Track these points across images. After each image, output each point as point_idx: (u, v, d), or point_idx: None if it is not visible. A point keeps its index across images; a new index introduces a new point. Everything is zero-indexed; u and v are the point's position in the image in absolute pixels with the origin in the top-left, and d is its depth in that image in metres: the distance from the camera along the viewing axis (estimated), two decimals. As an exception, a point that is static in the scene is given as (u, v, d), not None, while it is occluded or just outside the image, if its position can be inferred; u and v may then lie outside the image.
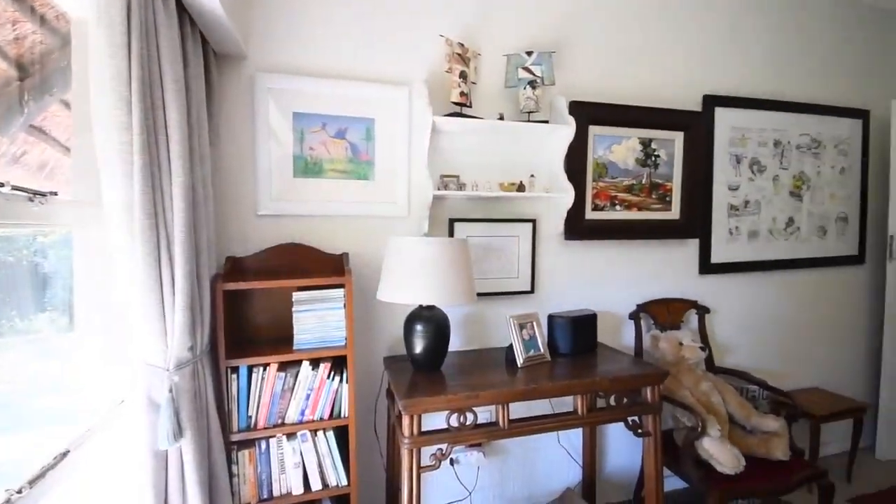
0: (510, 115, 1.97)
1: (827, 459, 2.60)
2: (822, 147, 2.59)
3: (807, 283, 2.63)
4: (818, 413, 2.25)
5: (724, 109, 2.36)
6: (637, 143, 2.20)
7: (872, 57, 2.74)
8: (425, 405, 1.44)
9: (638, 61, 2.22)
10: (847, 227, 2.70)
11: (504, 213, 2.05)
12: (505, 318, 1.85)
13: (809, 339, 2.66)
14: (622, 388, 1.68)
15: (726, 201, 2.39)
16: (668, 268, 2.32)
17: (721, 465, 1.73)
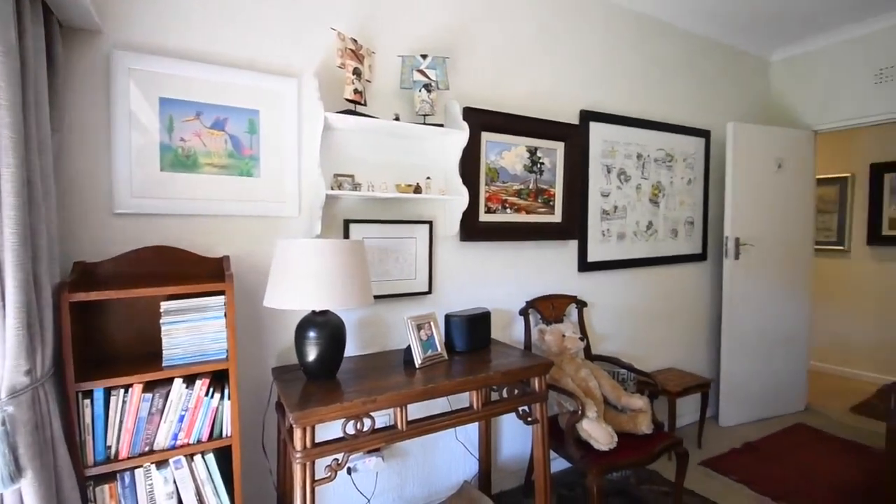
0: (406, 117, 1.97)
1: (682, 430, 3.02)
2: (674, 161, 3.01)
3: (663, 277, 3.03)
4: (674, 390, 2.61)
5: (598, 124, 2.62)
6: (525, 151, 2.35)
7: (714, 87, 3.26)
8: (319, 415, 1.38)
9: (526, 75, 2.37)
10: (693, 230, 3.17)
11: (401, 215, 2.05)
12: (403, 320, 1.85)
13: (666, 325, 3.07)
14: (513, 381, 1.77)
15: (599, 206, 2.66)
16: (553, 266, 2.52)
17: (598, 443, 1.91)
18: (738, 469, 2.58)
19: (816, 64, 3.34)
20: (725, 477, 2.51)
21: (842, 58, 3.20)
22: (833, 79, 3.25)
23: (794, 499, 2.30)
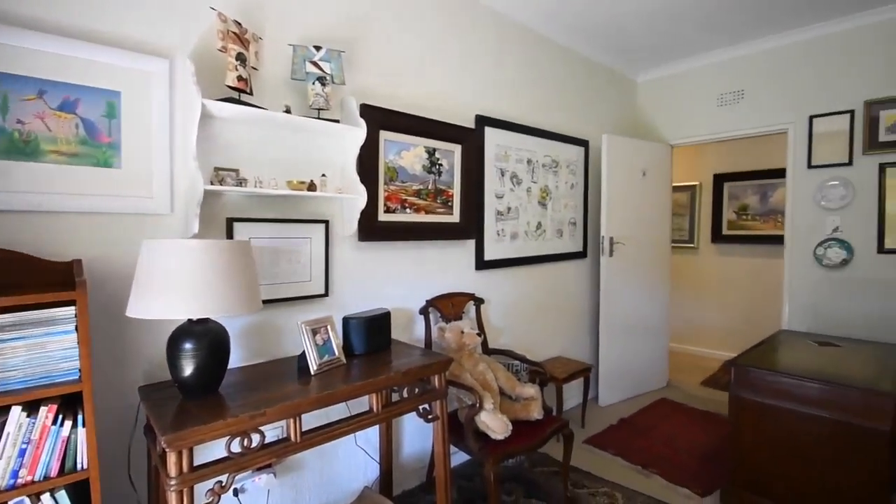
0: (299, 110, 1.87)
1: (568, 412, 3.29)
2: (559, 166, 3.27)
3: (551, 274, 3.28)
4: (561, 376, 2.83)
5: (492, 129, 2.74)
6: (423, 152, 2.37)
7: (593, 101, 3.60)
8: (198, 436, 1.24)
9: (425, 76, 2.39)
10: (575, 230, 3.48)
11: (295, 214, 1.94)
12: (297, 325, 1.75)
13: (554, 317, 3.32)
14: (414, 380, 1.78)
15: (495, 207, 2.79)
16: (452, 265, 2.58)
17: (494, 433, 2.00)
18: (614, 444, 2.88)
19: (673, 87, 3.87)
20: (605, 452, 2.79)
21: (692, 83, 3.75)
22: (685, 100, 3.79)
23: (659, 465, 2.63)
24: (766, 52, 3.35)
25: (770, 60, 3.35)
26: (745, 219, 4.64)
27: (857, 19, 2.96)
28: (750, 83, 3.45)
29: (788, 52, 3.26)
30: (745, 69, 3.47)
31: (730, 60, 3.53)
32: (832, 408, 1.93)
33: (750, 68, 3.44)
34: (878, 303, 2.93)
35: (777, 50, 3.31)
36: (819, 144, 3.14)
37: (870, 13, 2.90)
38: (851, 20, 2.98)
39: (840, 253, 3.06)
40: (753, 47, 3.39)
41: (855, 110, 3.00)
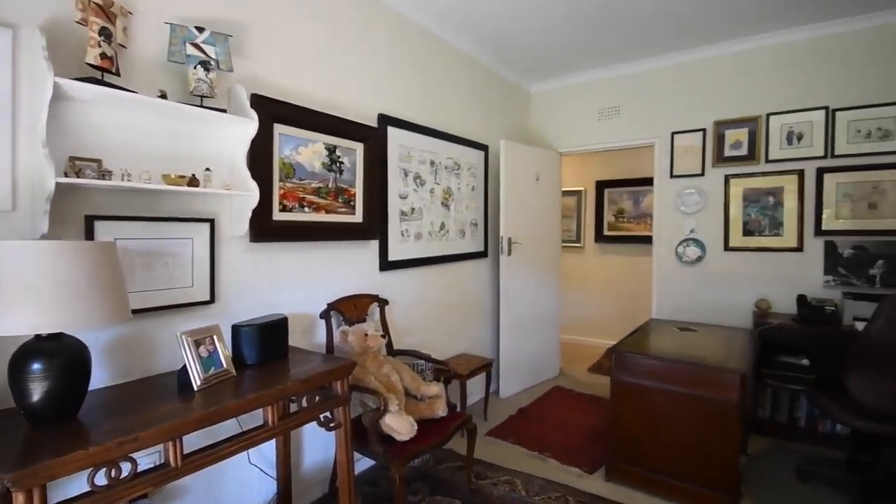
0: (177, 96, 1.68)
1: (471, 407, 3.39)
2: (461, 169, 3.37)
3: (454, 273, 3.36)
4: (464, 373, 2.91)
5: (395, 129, 2.73)
6: (323, 149, 2.27)
7: (492, 107, 3.76)
8: (52, 470, 1.05)
9: (326, 71, 2.30)
10: (477, 230, 3.60)
11: (173, 211, 1.73)
12: (176, 336, 1.56)
13: (457, 316, 3.41)
14: (314, 388, 1.69)
15: (398, 208, 2.78)
16: (355, 267, 2.51)
17: (399, 435, 1.99)
18: (514, 433, 3.04)
19: (561, 99, 4.19)
20: (505, 442, 2.92)
21: (578, 97, 4.10)
22: (572, 112, 4.14)
23: (554, 448, 2.83)
24: (638, 74, 3.79)
25: (640, 82, 3.79)
26: (622, 221, 5.20)
27: (709, 50, 3.47)
28: (625, 101, 3.87)
29: (656, 75, 3.72)
30: (620, 88, 3.88)
31: (608, 79, 3.93)
32: (692, 384, 2.24)
33: (624, 88, 3.86)
34: (725, 293, 3.47)
35: (646, 73, 3.75)
36: (679, 157, 3.63)
37: (720, 45, 3.42)
38: (705, 51, 3.49)
39: (696, 251, 3.56)
40: (627, 69, 3.81)
41: (706, 129, 3.52)
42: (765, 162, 3.32)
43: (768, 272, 3.32)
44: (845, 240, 3.07)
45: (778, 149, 3.27)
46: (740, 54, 3.38)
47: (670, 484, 2.30)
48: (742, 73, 3.39)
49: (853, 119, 3.04)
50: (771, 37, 3.24)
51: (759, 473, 2.56)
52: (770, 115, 3.29)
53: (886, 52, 2.94)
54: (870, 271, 3.01)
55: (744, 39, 3.32)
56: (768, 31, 3.19)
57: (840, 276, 3.09)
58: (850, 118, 3.05)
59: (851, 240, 3.06)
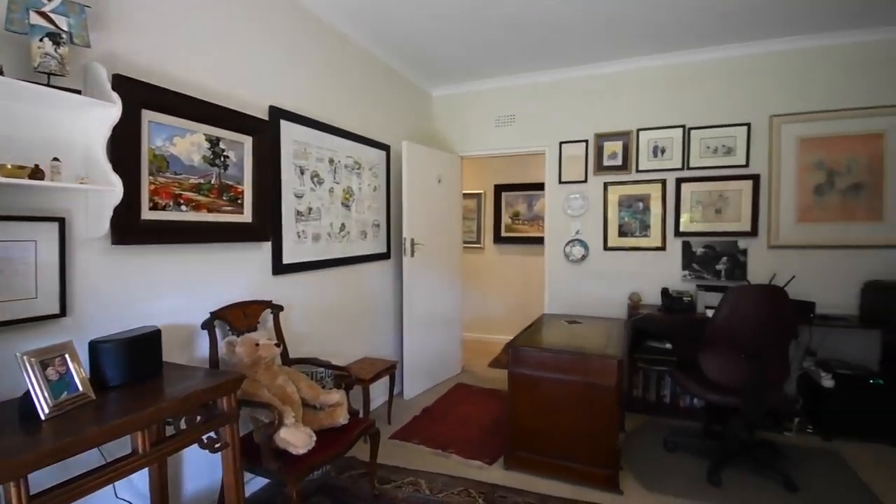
0: (16, 71, 1.41)
1: (375, 411, 3.34)
2: (362, 168, 3.29)
3: (356, 276, 3.28)
4: (367, 377, 2.85)
5: (289, 123, 2.58)
6: (204, 140, 2.07)
7: (394, 108, 3.73)
8: None
9: (208, 53, 2.09)
10: (379, 231, 3.55)
11: (9, 208, 1.44)
12: (16, 358, 1.30)
13: (359, 319, 3.33)
14: (195, 407, 1.52)
15: (294, 207, 2.63)
16: (243, 271, 2.32)
17: (296, 448, 1.87)
18: (418, 433, 3.05)
19: (462, 104, 4.32)
20: (410, 443, 2.92)
21: (477, 103, 4.25)
22: (472, 117, 4.28)
23: (456, 444, 2.89)
24: (531, 85, 4.04)
25: (533, 93, 4.05)
26: (518, 223, 5.52)
27: (590, 69, 3.82)
28: (520, 110, 4.10)
29: (546, 88, 4.00)
30: (516, 98, 4.11)
31: (505, 88, 4.13)
32: (578, 372, 2.43)
33: (519, 97, 4.10)
34: (605, 288, 3.84)
35: (538, 85, 4.02)
36: (566, 165, 3.94)
37: (600, 65, 3.78)
38: (587, 69, 3.83)
39: (581, 250, 3.90)
40: (522, 80, 4.05)
41: (588, 140, 3.87)
42: (636, 171, 3.74)
43: (639, 269, 3.75)
44: (698, 240, 3.59)
45: (646, 160, 3.71)
46: (616, 75, 3.77)
47: (561, 465, 2.48)
48: (617, 91, 3.78)
49: (704, 137, 3.56)
50: (638, 61, 3.66)
51: (634, 447, 2.87)
52: (640, 130, 3.72)
53: (732, 80, 3.49)
54: (717, 266, 3.55)
55: (618, 62, 3.71)
56: (636, 55, 3.60)
57: (694, 271, 3.60)
58: (701, 136, 3.56)
59: (703, 240, 3.58)
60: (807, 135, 3.33)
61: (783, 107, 3.37)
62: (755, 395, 2.43)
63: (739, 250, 3.49)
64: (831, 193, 3.30)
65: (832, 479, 2.49)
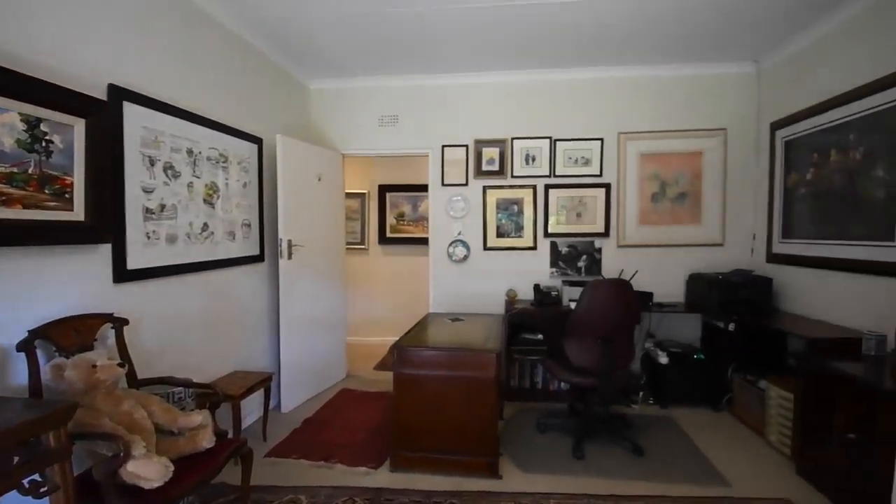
0: None
1: (248, 429, 3.06)
2: (228, 162, 2.99)
3: (223, 281, 2.96)
4: (237, 393, 2.59)
5: (135, 106, 2.22)
6: (19, 121, 1.68)
7: (267, 98, 3.46)
8: None
9: (32, 19, 1.69)
10: (251, 232, 3.27)
11: None
12: None
13: (228, 329, 3.02)
14: (11, 446, 1.23)
15: (142, 204, 2.28)
16: (74, 279, 1.94)
17: (149, 482, 1.62)
18: (298, 447, 2.87)
19: (343, 100, 4.18)
20: (289, 458, 2.73)
21: (359, 100, 4.16)
22: (354, 114, 4.17)
23: (340, 453, 2.78)
24: (415, 87, 4.08)
25: (417, 95, 4.09)
26: (403, 224, 5.54)
27: (472, 77, 3.98)
28: (403, 111, 4.12)
29: (429, 91, 4.07)
30: (399, 98, 4.11)
31: (389, 88, 4.11)
32: (461, 367, 2.51)
33: (403, 98, 4.11)
34: (485, 285, 4.05)
35: (422, 88, 4.07)
36: (449, 168, 4.07)
37: (480, 75, 3.96)
38: (469, 77, 3.99)
39: (463, 251, 4.05)
40: (406, 81, 4.06)
41: (469, 145, 4.04)
42: (511, 177, 4.01)
43: (515, 267, 4.03)
44: (563, 240, 3.98)
45: (520, 167, 4.00)
46: (494, 85, 4.00)
47: (446, 459, 2.54)
48: (495, 100, 4.02)
49: (567, 148, 3.96)
50: (512, 75, 3.94)
51: (512, 433, 3.06)
52: (514, 138, 4.00)
53: (590, 99, 3.92)
54: (578, 264, 3.97)
55: (496, 73, 3.94)
56: (510, 69, 3.86)
57: (560, 268, 3.98)
58: (565, 147, 3.96)
59: (567, 240, 3.98)
60: (646, 151, 3.90)
61: (628, 125, 3.90)
62: (608, 375, 2.76)
63: (595, 249, 3.95)
64: (664, 201, 3.92)
65: (669, 441, 2.95)
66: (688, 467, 2.63)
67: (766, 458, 2.73)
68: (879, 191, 2.58)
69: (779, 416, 2.80)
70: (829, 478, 2.30)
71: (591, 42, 3.33)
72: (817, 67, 3.09)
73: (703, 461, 2.70)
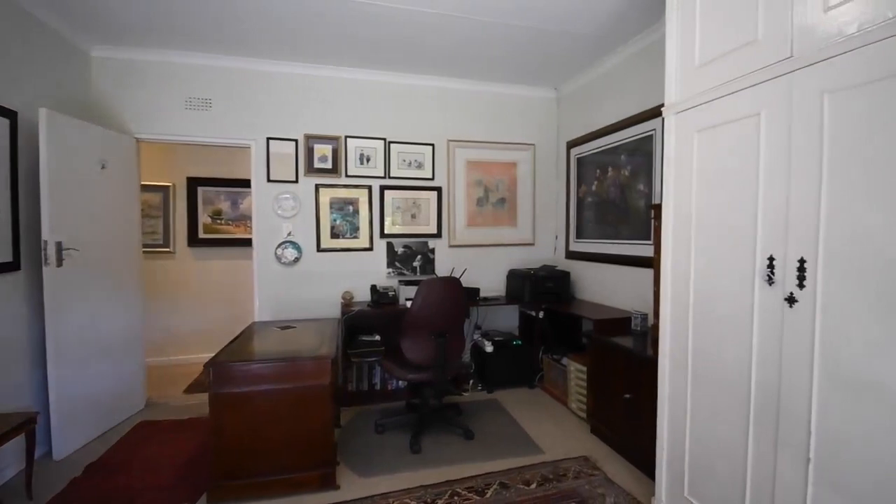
0: None
1: (7, 485, 2.31)
2: (-44, 136, 2.20)
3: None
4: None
5: None
6: None
7: (23, 63, 2.65)
8: None
9: None
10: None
11: None
12: None
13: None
14: None
15: None
16: None
17: None
18: (80, 500, 2.27)
19: (139, 73, 3.48)
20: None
21: (161, 76, 3.51)
22: (153, 92, 3.51)
23: (142, 497, 2.30)
24: (233, 70, 3.64)
25: (237, 79, 3.65)
26: (220, 223, 4.90)
27: (299, 68, 3.73)
28: (219, 95, 3.63)
29: (252, 77, 3.68)
30: (214, 80, 3.61)
31: (200, 67, 3.58)
32: (291, 378, 2.32)
33: (219, 81, 3.62)
34: (320, 289, 3.85)
35: (242, 71, 3.65)
36: (275, 162, 3.74)
37: (307, 66, 3.73)
38: (297, 68, 3.72)
39: (293, 252, 3.78)
40: (222, 62, 3.59)
41: (298, 140, 3.79)
42: (345, 176, 3.90)
43: (351, 268, 3.93)
44: (399, 241, 4.04)
45: (354, 166, 3.92)
46: (328, 80, 3.82)
47: (278, 481, 2.31)
48: (330, 96, 3.85)
49: (401, 151, 4.03)
50: (348, 72, 3.84)
51: (349, 439, 2.97)
52: (347, 136, 3.90)
53: (423, 105, 4.06)
54: (413, 263, 4.08)
55: (330, 68, 3.78)
56: (347, 66, 3.76)
57: (396, 268, 4.04)
58: (399, 150, 4.02)
59: (402, 241, 4.05)
60: (471, 158, 4.23)
61: (456, 133, 4.17)
62: (443, 368, 2.90)
63: (429, 249, 4.13)
64: (487, 205, 4.31)
65: (495, 421, 3.24)
66: (510, 442, 2.92)
67: (568, 423, 3.22)
68: (640, 201, 3.29)
69: (577, 387, 3.33)
70: (613, 432, 2.82)
71: (426, 51, 3.46)
72: (601, 99, 3.79)
73: (522, 434, 3.04)
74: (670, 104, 2.04)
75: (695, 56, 1.91)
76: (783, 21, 1.53)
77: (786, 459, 1.54)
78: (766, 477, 1.61)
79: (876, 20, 1.26)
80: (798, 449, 1.49)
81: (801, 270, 1.47)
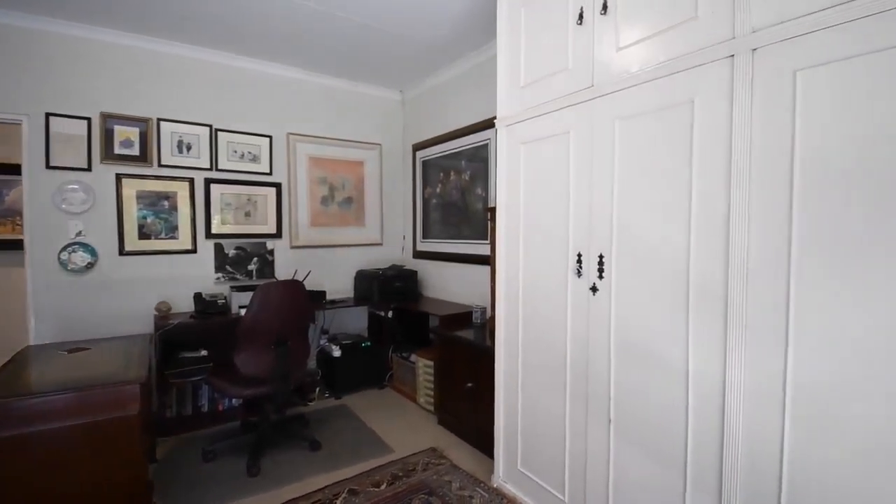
0: None
1: None
2: None
3: None
4: None
5: None
6: None
7: None
8: None
9: None
10: None
11: None
12: None
13: None
14: None
15: None
16: None
17: None
18: None
19: None
20: None
21: None
22: None
23: None
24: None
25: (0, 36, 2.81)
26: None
27: (101, 34, 3.03)
28: (-37, 49, 2.74)
29: (24, 35, 2.86)
30: (-47, 29, 2.72)
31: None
32: (83, 412, 1.87)
33: (-39, 30, 2.73)
34: (123, 300, 3.20)
35: (8, 27, 2.82)
36: (58, 145, 2.99)
37: (112, 33, 3.06)
38: (95, 32, 3.02)
39: (85, 257, 3.07)
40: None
41: (92, 118, 3.09)
42: (158, 166, 3.32)
43: (167, 274, 3.36)
44: (230, 241, 3.61)
45: (170, 155, 3.36)
46: (133, 50, 3.19)
47: (63, 546, 1.84)
48: (137, 70, 3.21)
49: (231, 140, 3.60)
50: (160, 44, 3.26)
51: (169, 474, 2.54)
52: (161, 120, 3.32)
53: (258, 93, 3.68)
54: (248, 267, 3.70)
55: (137, 37, 3.15)
56: (161, 38, 3.19)
57: (227, 273, 3.60)
58: (228, 139, 3.59)
59: (235, 241, 3.63)
60: (315, 154, 4.02)
61: (297, 127, 3.91)
62: (285, 379, 2.69)
63: (268, 250, 3.79)
64: (332, 204, 4.15)
65: (344, 428, 3.13)
66: (360, 446, 2.86)
67: (417, 419, 3.30)
68: (479, 204, 3.55)
69: (425, 382, 3.44)
70: (458, 421, 2.98)
71: (263, 32, 3.14)
72: (444, 106, 3.96)
73: (372, 436, 3.00)
74: (501, 117, 2.24)
75: (520, 76, 2.13)
76: (587, 54, 1.80)
77: (595, 423, 1.82)
78: (580, 440, 1.89)
79: (651, 62, 1.57)
80: (602, 412, 1.78)
81: (600, 265, 1.76)
